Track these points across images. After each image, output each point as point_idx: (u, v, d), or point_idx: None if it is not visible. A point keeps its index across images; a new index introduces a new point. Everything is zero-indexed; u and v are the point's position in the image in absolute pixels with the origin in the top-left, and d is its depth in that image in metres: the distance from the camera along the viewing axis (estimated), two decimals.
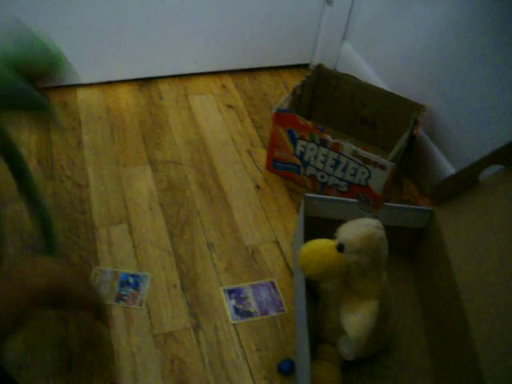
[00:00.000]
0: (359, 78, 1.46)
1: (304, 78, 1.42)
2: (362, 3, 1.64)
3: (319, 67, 1.48)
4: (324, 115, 1.57)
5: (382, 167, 1.21)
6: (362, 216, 0.97)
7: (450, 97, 1.30)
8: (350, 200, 1.13)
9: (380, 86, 1.46)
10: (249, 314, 1.09)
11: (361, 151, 1.22)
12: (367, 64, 1.64)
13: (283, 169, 1.39)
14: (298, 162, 1.35)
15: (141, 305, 1.08)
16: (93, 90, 1.61)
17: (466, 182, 1.05)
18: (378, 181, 1.25)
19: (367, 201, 1.30)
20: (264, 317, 1.09)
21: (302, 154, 1.32)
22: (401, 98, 1.39)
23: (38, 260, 0.83)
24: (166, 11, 1.53)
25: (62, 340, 1.00)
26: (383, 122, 1.46)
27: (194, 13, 1.56)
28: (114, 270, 1.13)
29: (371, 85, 1.45)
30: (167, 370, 0.99)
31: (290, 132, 1.30)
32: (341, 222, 0.95)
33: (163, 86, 1.67)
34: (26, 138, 1.41)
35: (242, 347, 1.04)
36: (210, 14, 1.58)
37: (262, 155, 1.46)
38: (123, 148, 1.43)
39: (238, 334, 1.06)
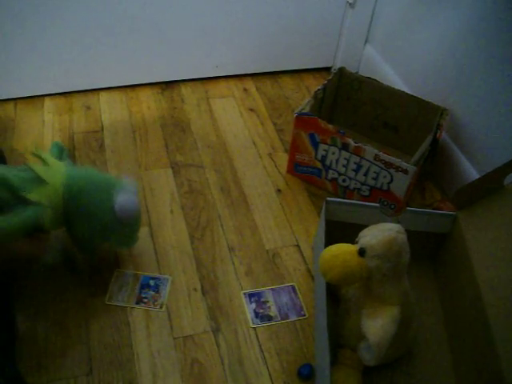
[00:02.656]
0: (381, 81, 1.45)
1: (326, 82, 1.41)
2: (385, 6, 1.63)
3: (341, 70, 1.47)
4: (346, 119, 1.56)
5: (405, 171, 1.20)
6: (383, 221, 0.96)
7: (475, 100, 1.29)
8: (372, 204, 1.12)
9: (402, 89, 1.45)
10: (269, 318, 1.09)
11: (383, 155, 1.21)
12: (390, 67, 1.63)
13: (304, 172, 1.39)
14: (319, 165, 1.34)
15: (161, 307, 1.09)
16: (115, 93, 1.62)
17: (491, 186, 1.03)
18: (400, 185, 1.23)
19: (389, 205, 1.28)
20: (284, 321, 1.09)
21: (324, 157, 1.32)
22: (424, 101, 1.38)
23: None
24: (189, 15, 1.54)
25: (82, 341, 1.01)
26: (406, 125, 1.45)
27: (216, 17, 1.57)
28: (134, 273, 1.14)
29: (394, 88, 1.44)
30: (186, 372, 0.99)
31: (311, 135, 1.29)
32: (362, 226, 0.94)
33: (185, 90, 1.67)
34: (49, 141, 1.42)
35: (261, 351, 1.03)
36: (232, 18, 1.59)
37: (283, 159, 1.45)
38: (145, 151, 1.44)
39: (257, 337, 1.05)
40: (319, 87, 1.39)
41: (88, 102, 1.58)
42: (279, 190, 1.37)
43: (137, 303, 1.09)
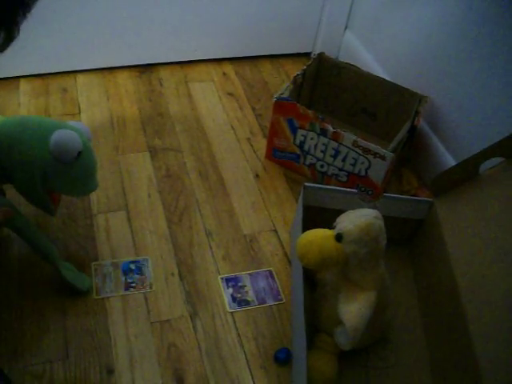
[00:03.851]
0: (361, 67, 1.45)
1: (305, 67, 1.41)
2: None
3: (320, 56, 1.47)
4: (325, 104, 1.56)
5: (382, 157, 1.20)
6: (361, 206, 0.96)
7: (452, 88, 1.30)
8: (349, 190, 1.12)
9: (382, 75, 1.45)
10: (246, 302, 1.09)
11: (361, 141, 1.21)
12: (369, 53, 1.63)
13: (283, 158, 1.39)
14: (297, 151, 1.34)
15: (151, 287, 1.09)
16: (92, 75, 1.60)
17: (467, 173, 1.05)
18: (377, 171, 1.24)
19: (366, 191, 1.29)
20: (261, 306, 1.09)
21: (302, 143, 1.32)
22: (402, 88, 1.38)
23: None
24: None
25: (58, 326, 1.01)
26: (384, 112, 1.45)
27: (195, 0, 1.55)
28: (112, 261, 1.13)
29: (373, 74, 1.44)
30: (163, 357, 0.99)
31: (290, 121, 1.29)
32: (340, 211, 0.94)
33: (164, 73, 1.66)
34: None
35: (238, 336, 1.04)
36: (212, 2, 1.57)
37: (261, 144, 1.45)
38: (122, 135, 1.42)
39: (235, 322, 1.06)
40: (298, 72, 1.38)
41: (65, 84, 1.56)
42: (257, 175, 1.37)
43: (126, 289, 1.08)
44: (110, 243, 1.16)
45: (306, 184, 1.11)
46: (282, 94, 1.30)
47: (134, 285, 1.09)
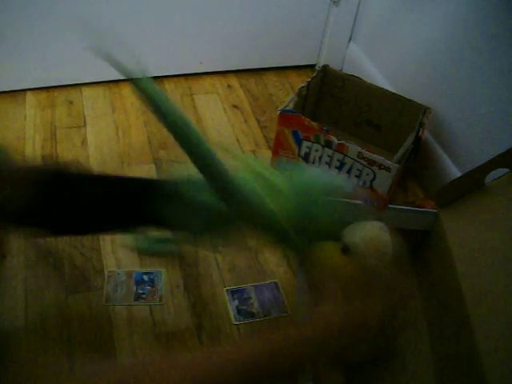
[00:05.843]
0: (365, 79, 1.46)
1: (310, 79, 1.41)
2: (369, 4, 1.63)
3: (325, 68, 1.47)
4: (329, 116, 1.56)
5: (387, 169, 1.20)
6: (367, 218, 0.96)
7: (457, 99, 1.30)
8: (355, 202, 1.12)
9: (386, 87, 1.46)
10: (251, 314, 1.09)
11: (366, 153, 1.22)
12: (373, 65, 1.63)
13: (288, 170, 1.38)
14: (301, 162, 1.34)
15: (160, 300, 1.09)
16: (98, 88, 1.61)
17: (472, 184, 1.04)
18: (382, 183, 1.24)
19: (372, 203, 1.29)
20: (267, 318, 1.09)
21: (307, 154, 1.32)
22: (407, 99, 1.39)
23: None
24: (173, 10, 1.53)
25: (63, 338, 1.00)
26: (389, 123, 1.45)
27: (200, 12, 1.56)
28: (126, 271, 1.13)
29: (377, 86, 1.44)
30: None
31: (294, 133, 1.29)
32: (346, 224, 0.94)
33: (169, 86, 1.67)
34: (31, 136, 1.41)
35: None
36: (217, 14, 1.58)
37: (266, 156, 1.45)
38: (128, 147, 1.43)
39: (240, 335, 1.05)
40: (303, 84, 1.39)
41: (70, 96, 1.57)
42: None
43: (136, 300, 1.08)
44: (115, 255, 1.16)
45: None
46: (286, 106, 1.30)
47: (144, 296, 1.09)
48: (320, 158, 1.30)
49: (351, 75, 1.47)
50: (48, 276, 1.09)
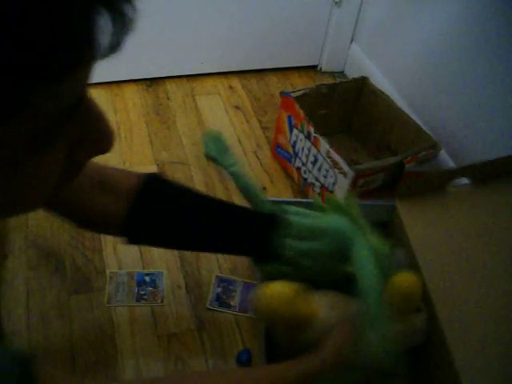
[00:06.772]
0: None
1: (338, 81, 1.37)
2: (371, 5, 1.63)
3: (364, 80, 1.40)
4: (361, 131, 1.48)
5: (344, 174, 1.14)
6: None
7: (459, 100, 1.30)
8: (306, 201, 1.11)
9: (386, 87, 1.45)
10: (227, 305, 1.10)
11: (332, 152, 1.15)
12: (375, 66, 1.63)
13: (282, 155, 1.38)
14: (291, 150, 1.33)
15: (162, 301, 1.09)
16: (99, 89, 1.61)
17: (434, 186, 1.04)
18: (341, 189, 1.17)
19: None
20: (240, 314, 1.09)
21: (295, 143, 1.30)
22: (422, 130, 1.29)
23: None
24: (174, 11, 1.53)
25: (65, 338, 1.01)
26: (402, 152, 1.26)
27: (201, 13, 1.56)
28: (128, 272, 1.13)
29: (401, 109, 1.35)
30: (170, 370, 0.98)
31: (289, 118, 1.28)
32: None
33: (170, 87, 1.67)
34: None
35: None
36: (218, 15, 1.58)
37: (268, 156, 1.45)
38: (129, 148, 1.43)
39: (242, 337, 1.05)
40: (323, 82, 1.37)
41: None
42: (264, 188, 1.37)
43: (137, 301, 1.08)
44: (117, 256, 1.16)
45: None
46: (294, 92, 1.28)
47: (145, 297, 1.09)
48: (302, 148, 1.27)
49: (383, 93, 1.37)
50: (50, 277, 1.09)
